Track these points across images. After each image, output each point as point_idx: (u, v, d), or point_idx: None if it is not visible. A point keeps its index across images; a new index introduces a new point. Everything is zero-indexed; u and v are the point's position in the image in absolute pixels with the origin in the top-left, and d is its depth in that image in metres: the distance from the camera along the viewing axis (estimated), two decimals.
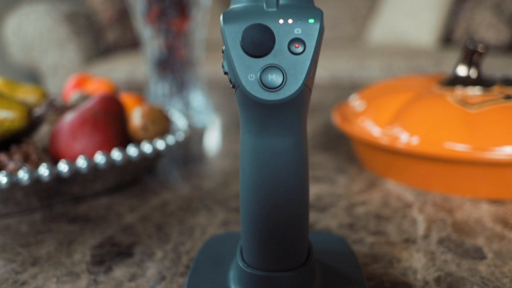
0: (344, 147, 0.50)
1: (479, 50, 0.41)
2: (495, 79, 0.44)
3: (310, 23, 0.19)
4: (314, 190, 0.39)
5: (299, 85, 0.19)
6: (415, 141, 0.36)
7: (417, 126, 0.37)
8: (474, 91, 0.40)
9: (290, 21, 0.19)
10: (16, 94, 0.45)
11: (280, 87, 0.18)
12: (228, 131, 0.60)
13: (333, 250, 0.27)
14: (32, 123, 0.39)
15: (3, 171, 0.31)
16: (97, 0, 1.68)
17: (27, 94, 0.46)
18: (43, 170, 0.32)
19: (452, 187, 0.36)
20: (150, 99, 0.63)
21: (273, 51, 0.19)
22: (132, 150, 0.35)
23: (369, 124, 0.41)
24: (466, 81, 0.41)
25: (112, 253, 0.29)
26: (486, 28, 1.49)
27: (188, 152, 0.50)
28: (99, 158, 0.34)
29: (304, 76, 0.19)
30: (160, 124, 0.39)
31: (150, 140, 0.38)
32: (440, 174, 0.36)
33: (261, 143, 0.20)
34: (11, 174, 0.31)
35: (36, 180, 0.32)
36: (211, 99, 0.82)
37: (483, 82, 0.41)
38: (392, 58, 1.40)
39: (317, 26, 0.19)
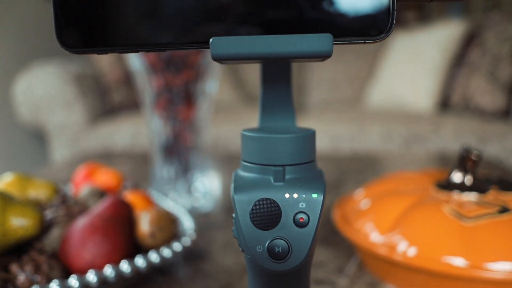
0: (345, 243, 0.51)
1: (473, 158, 0.43)
2: (491, 181, 0.46)
3: (313, 197, 0.20)
4: None
5: (304, 256, 0.20)
6: (412, 252, 0.38)
7: (415, 236, 0.39)
8: (470, 197, 0.42)
9: (295, 195, 0.20)
10: (28, 191, 0.47)
11: (286, 259, 0.20)
12: (229, 214, 0.62)
13: None
14: (43, 228, 0.40)
15: None
16: (105, 62, 1.74)
17: (39, 190, 0.48)
18: (54, 287, 0.33)
19: None
20: (154, 182, 0.64)
21: (279, 224, 0.20)
22: (140, 262, 0.36)
23: (369, 228, 0.42)
24: (461, 187, 0.43)
25: None
26: (481, 94, 1.53)
27: (193, 244, 0.51)
28: (109, 271, 0.35)
29: (308, 248, 0.20)
30: (168, 230, 0.41)
31: (157, 247, 0.40)
32: (437, 286, 0.37)
33: None
34: None
35: None
36: (215, 170, 0.84)
37: (478, 188, 0.43)
38: (391, 124, 1.43)
39: (320, 199, 0.20)
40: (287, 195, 0.20)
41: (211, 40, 0.19)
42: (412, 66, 1.69)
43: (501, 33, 1.58)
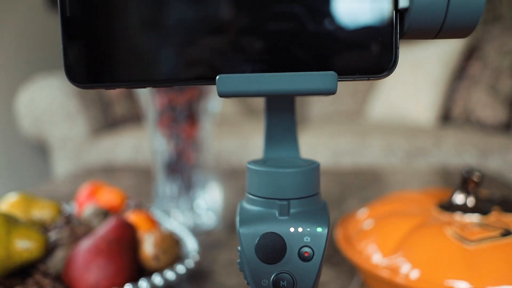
0: (347, 262, 0.51)
1: (475, 179, 0.44)
2: (493, 201, 0.46)
3: (318, 231, 0.21)
4: None
5: None
6: (415, 275, 0.38)
7: (418, 259, 0.39)
8: (472, 219, 0.42)
9: (300, 229, 0.21)
10: (32, 210, 0.47)
11: None
12: (232, 231, 0.62)
13: None
14: (47, 250, 0.40)
15: None
16: None
17: (43, 210, 0.48)
18: None
19: None
20: (157, 200, 0.65)
21: (284, 258, 0.20)
22: (144, 285, 0.37)
23: (372, 249, 0.42)
24: (464, 209, 0.43)
25: None
26: (482, 107, 1.54)
27: (197, 265, 0.52)
28: None
29: (312, 282, 0.20)
30: (171, 252, 0.41)
31: (161, 270, 0.40)
32: None
33: None
34: None
35: None
36: (217, 186, 0.84)
37: (480, 209, 0.43)
38: (393, 137, 1.43)
39: (324, 233, 0.21)
40: (292, 229, 0.21)
41: (217, 77, 0.19)
42: (413, 79, 1.70)
43: (501, 46, 1.59)
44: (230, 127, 1.63)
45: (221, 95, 0.19)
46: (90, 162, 1.58)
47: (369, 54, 0.19)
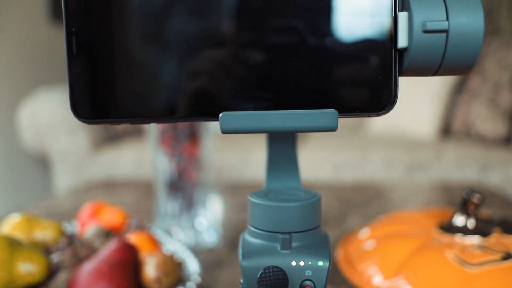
0: (348, 283, 0.51)
1: (475, 201, 0.44)
2: (494, 223, 0.46)
3: (319, 265, 0.21)
4: None
5: None
6: None
7: (419, 282, 0.39)
8: (473, 241, 0.42)
9: (302, 263, 0.21)
10: (34, 231, 0.48)
11: None
12: (233, 249, 0.62)
13: None
14: (50, 273, 0.40)
15: None
16: None
17: (46, 230, 0.48)
18: None
19: None
20: (158, 218, 0.65)
21: None
22: None
23: (373, 271, 0.42)
24: (464, 231, 0.44)
25: None
26: (482, 121, 1.54)
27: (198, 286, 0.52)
28: None
29: None
30: (173, 275, 0.41)
31: None
32: None
33: None
34: None
35: None
36: (219, 202, 0.84)
37: (481, 231, 0.43)
38: (393, 151, 1.43)
39: (326, 267, 0.21)
40: (293, 263, 0.21)
41: (220, 115, 0.20)
42: (414, 93, 1.71)
43: (500, 60, 1.60)
44: (231, 141, 1.64)
45: (224, 132, 0.20)
46: (91, 176, 1.58)
47: (369, 92, 0.20)
